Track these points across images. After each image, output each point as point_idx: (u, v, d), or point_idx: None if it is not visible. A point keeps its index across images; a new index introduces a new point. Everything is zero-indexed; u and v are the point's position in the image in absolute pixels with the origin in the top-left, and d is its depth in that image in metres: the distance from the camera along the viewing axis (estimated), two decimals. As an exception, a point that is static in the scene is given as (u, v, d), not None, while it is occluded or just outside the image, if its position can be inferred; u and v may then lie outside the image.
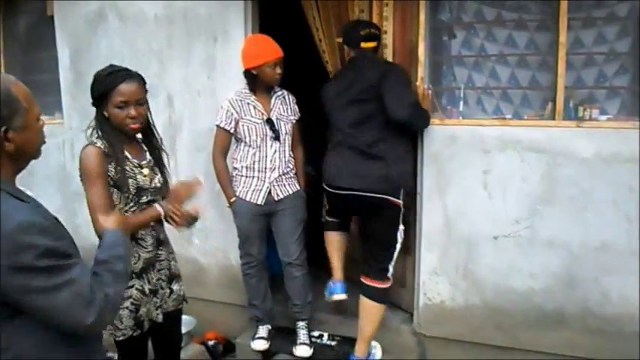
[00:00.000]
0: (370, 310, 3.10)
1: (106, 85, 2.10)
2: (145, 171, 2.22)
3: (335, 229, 3.43)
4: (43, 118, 1.46)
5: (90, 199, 2.06)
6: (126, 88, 2.11)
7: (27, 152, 1.38)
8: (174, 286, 2.39)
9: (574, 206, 2.91)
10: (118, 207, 2.13)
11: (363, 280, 3.11)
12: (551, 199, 2.95)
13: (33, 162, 1.45)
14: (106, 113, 2.13)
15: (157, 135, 2.33)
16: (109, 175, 2.10)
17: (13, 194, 1.29)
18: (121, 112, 2.12)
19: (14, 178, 1.38)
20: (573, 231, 2.92)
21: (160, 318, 2.33)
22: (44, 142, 1.45)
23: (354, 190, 2.99)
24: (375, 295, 3.07)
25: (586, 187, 2.88)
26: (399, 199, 2.99)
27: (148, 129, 2.30)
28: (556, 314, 3.00)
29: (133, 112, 2.13)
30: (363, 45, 3.07)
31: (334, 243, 3.43)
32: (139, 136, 2.31)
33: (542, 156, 2.94)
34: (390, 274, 3.09)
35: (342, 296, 3.42)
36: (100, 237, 2.07)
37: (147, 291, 2.26)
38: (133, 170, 2.18)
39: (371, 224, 3.09)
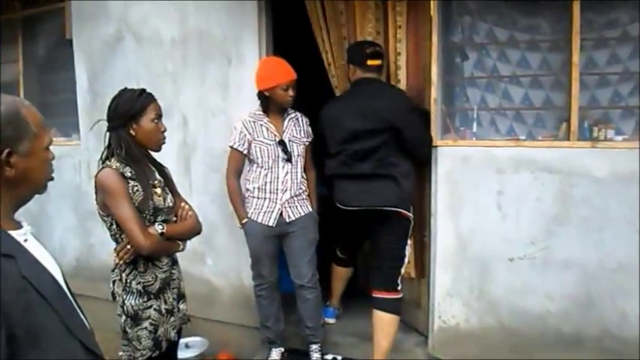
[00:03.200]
0: (386, 322, 3.13)
1: (142, 101, 2.19)
2: (158, 191, 2.25)
3: (345, 266, 3.70)
4: (61, 139, 1.40)
5: (123, 216, 2.10)
6: (157, 104, 2.25)
7: (29, 182, 1.23)
8: (181, 305, 2.40)
9: (589, 226, 2.88)
10: None
11: (375, 294, 3.16)
12: (566, 220, 2.92)
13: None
14: (132, 132, 2.18)
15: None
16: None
17: None
18: (157, 127, 2.23)
19: (9, 213, 1.21)
20: (589, 251, 2.89)
21: (175, 337, 2.34)
22: (52, 178, 1.31)
23: (369, 206, 3.09)
24: (389, 306, 3.12)
25: (601, 207, 2.84)
26: (409, 212, 3.13)
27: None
28: (573, 336, 2.95)
29: (163, 127, 2.26)
30: (370, 62, 3.13)
31: (342, 277, 3.74)
32: None
33: (556, 176, 2.92)
34: (399, 287, 3.16)
35: (332, 321, 3.78)
36: (140, 251, 2.11)
37: (163, 311, 2.27)
38: (150, 190, 2.21)
39: (382, 237, 3.16)
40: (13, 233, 1.17)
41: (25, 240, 1.21)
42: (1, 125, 1.14)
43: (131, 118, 2.18)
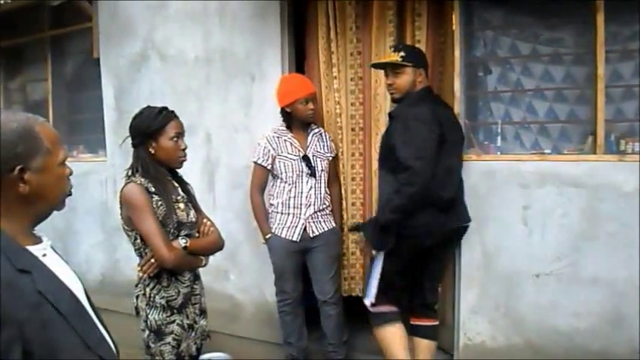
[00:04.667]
0: (432, 349, 3.05)
1: (160, 120, 2.21)
2: (181, 206, 2.27)
3: (395, 320, 2.91)
4: (88, 156, 1.38)
5: (148, 230, 2.13)
6: (177, 122, 2.26)
7: (45, 198, 1.22)
8: (202, 321, 2.40)
9: (617, 242, 2.82)
10: None
11: (422, 322, 3.05)
12: (593, 235, 2.87)
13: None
14: (152, 150, 2.21)
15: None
16: None
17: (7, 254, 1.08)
18: (176, 145, 2.24)
19: (27, 228, 1.21)
20: (617, 267, 2.82)
21: (196, 353, 2.34)
22: (70, 193, 1.30)
23: (466, 222, 3.00)
24: (434, 333, 3.06)
25: (629, 222, 2.78)
26: None
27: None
28: (601, 354, 2.88)
29: (183, 144, 2.26)
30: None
31: (399, 339, 2.87)
32: None
33: (583, 190, 2.87)
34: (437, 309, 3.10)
35: None
36: (164, 265, 2.13)
37: (186, 326, 2.28)
38: (172, 205, 2.23)
39: (442, 259, 3.06)
40: (31, 248, 1.18)
41: (44, 255, 1.21)
42: (13, 142, 1.14)
43: (150, 137, 2.21)
